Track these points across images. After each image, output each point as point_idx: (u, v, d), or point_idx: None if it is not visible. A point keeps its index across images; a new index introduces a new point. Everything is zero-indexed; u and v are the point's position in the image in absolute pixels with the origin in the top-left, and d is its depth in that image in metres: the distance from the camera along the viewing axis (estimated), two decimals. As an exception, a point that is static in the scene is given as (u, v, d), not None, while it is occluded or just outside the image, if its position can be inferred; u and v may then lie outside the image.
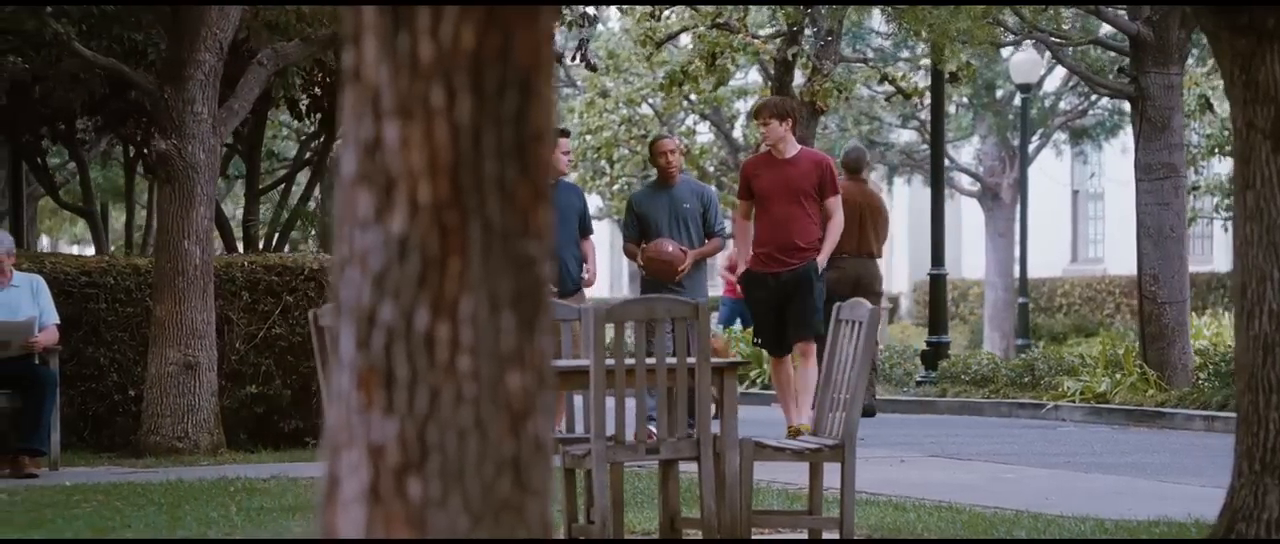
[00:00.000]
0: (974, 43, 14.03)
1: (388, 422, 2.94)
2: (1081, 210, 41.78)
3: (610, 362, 7.56)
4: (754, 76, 29.22)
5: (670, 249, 12.44)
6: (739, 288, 12.95)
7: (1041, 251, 35.03)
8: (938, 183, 20.05)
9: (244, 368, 13.43)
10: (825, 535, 7.73)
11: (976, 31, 13.36)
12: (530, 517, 2.94)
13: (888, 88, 21.53)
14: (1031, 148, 31.40)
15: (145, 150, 18.91)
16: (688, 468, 7.95)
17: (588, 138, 35.95)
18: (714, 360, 7.78)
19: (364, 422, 2.95)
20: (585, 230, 12.71)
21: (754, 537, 7.94)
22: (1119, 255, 38.64)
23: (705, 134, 37.63)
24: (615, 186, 36.44)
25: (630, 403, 7.81)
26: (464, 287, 2.93)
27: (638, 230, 12.71)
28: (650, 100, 34.05)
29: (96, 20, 14.39)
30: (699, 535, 8.07)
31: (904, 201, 43.43)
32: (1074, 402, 15.35)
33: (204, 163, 12.58)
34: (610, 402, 7.49)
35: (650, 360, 7.61)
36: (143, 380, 12.96)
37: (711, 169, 34.86)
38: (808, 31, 18.13)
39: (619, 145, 35.70)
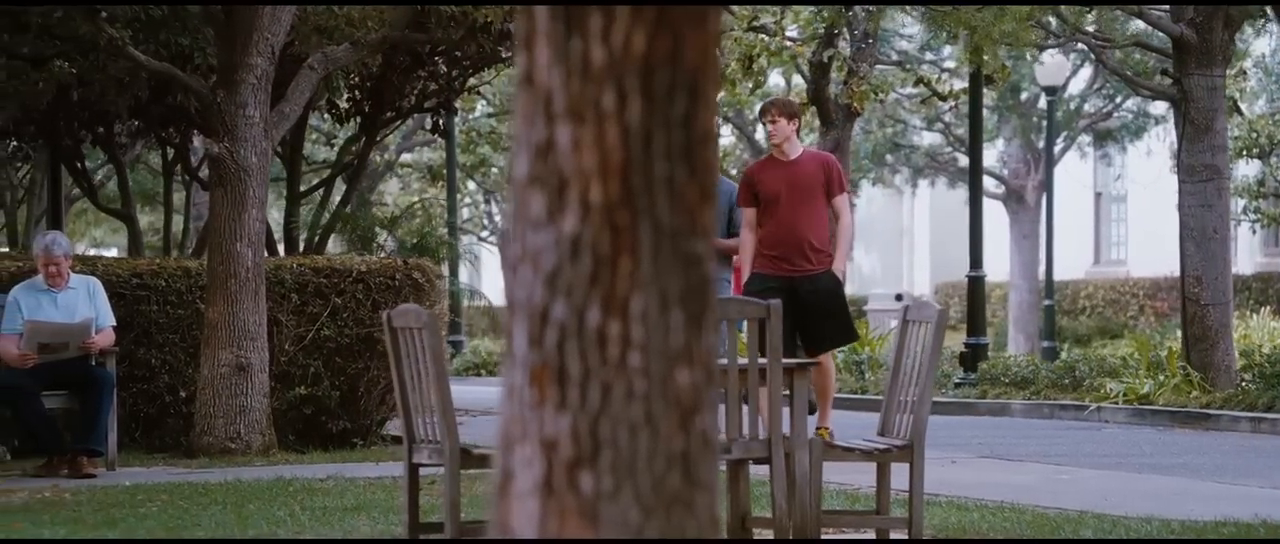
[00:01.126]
0: (1018, 45, 14.09)
1: (560, 417, 3.01)
2: (1104, 212, 41.78)
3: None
4: (775, 79, 29.25)
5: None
6: (744, 291, 12.79)
7: (1064, 254, 35.07)
8: (975, 185, 20.10)
9: (293, 369, 13.52)
10: (893, 535, 7.80)
11: (1021, 34, 13.41)
12: (699, 511, 3.01)
13: (918, 90, 21.57)
14: (1055, 150, 31.45)
15: (186, 153, 19.04)
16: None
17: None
18: (785, 361, 7.86)
19: (537, 417, 3.03)
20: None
21: (822, 536, 8.02)
22: (1142, 257, 38.68)
23: (727, 136, 37.76)
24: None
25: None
26: (634, 285, 3.00)
27: None
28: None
29: (144, 25, 14.48)
30: (770, 535, 8.15)
31: (925, 204, 43.50)
32: (1117, 403, 15.40)
33: (256, 166, 12.67)
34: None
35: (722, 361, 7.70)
36: (193, 382, 13.05)
37: (734, 172, 34.94)
38: (845, 34, 18.21)
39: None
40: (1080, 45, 18.27)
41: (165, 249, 20.03)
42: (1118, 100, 33.60)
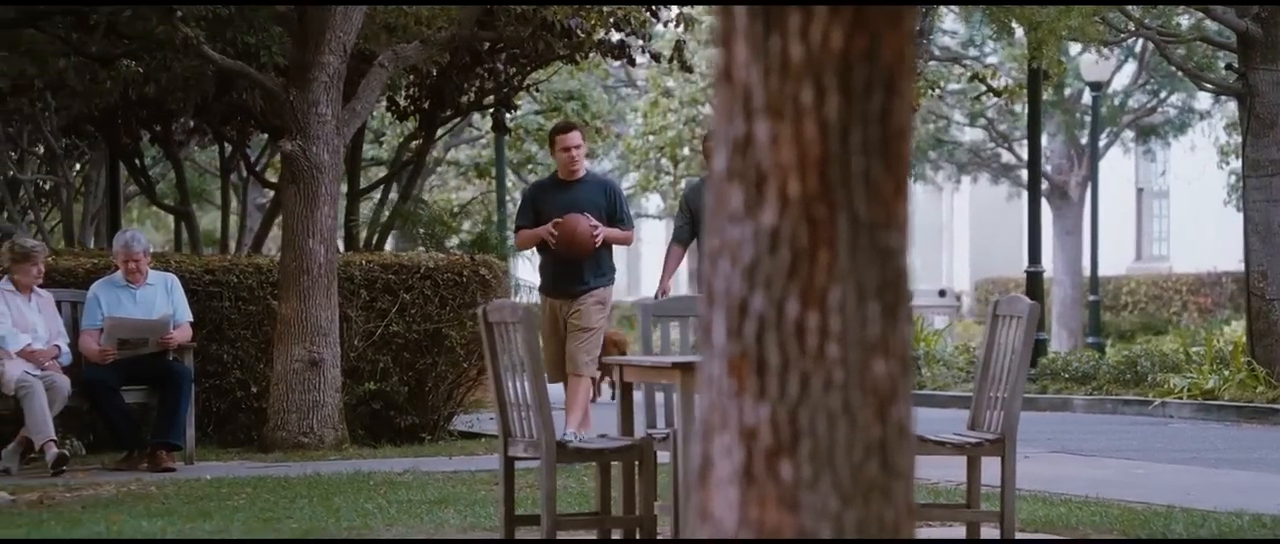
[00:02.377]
0: (1085, 39, 14.11)
1: (760, 406, 3.08)
2: (1146, 208, 41.74)
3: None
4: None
5: (584, 225, 11.90)
6: None
7: (1106, 250, 35.04)
8: (1034, 181, 20.14)
9: (362, 365, 13.61)
10: (984, 530, 7.85)
11: (1087, 28, 13.44)
12: (896, 499, 3.07)
13: (969, 86, 21.59)
14: (1099, 145, 31.44)
15: (245, 150, 19.18)
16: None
17: (650, 138, 36.10)
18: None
19: (736, 406, 3.09)
20: (621, 225, 12.34)
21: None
22: (1185, 253, 38.62)
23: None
24: (680, 186, 36.52)
25: None
26: (832, 277, 3.06)
27: (689, 226, 12.27)
28: (713, 100, 34.18)
29: (210, 24, 14.60)
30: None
31: (966, 200, 43.48)
32: (1181, 398, 15.42)
33: (328, 163, 12.76)
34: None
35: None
36: (265, 377, 13.16)
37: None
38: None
39: (683, 145, 35.83)
40: (1126, 40, 18.29)
41: (222, 246, 20.15)
42: (1162, 95, 33.56)
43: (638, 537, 8.11)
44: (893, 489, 3.07)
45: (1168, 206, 40.52)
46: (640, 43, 16.15)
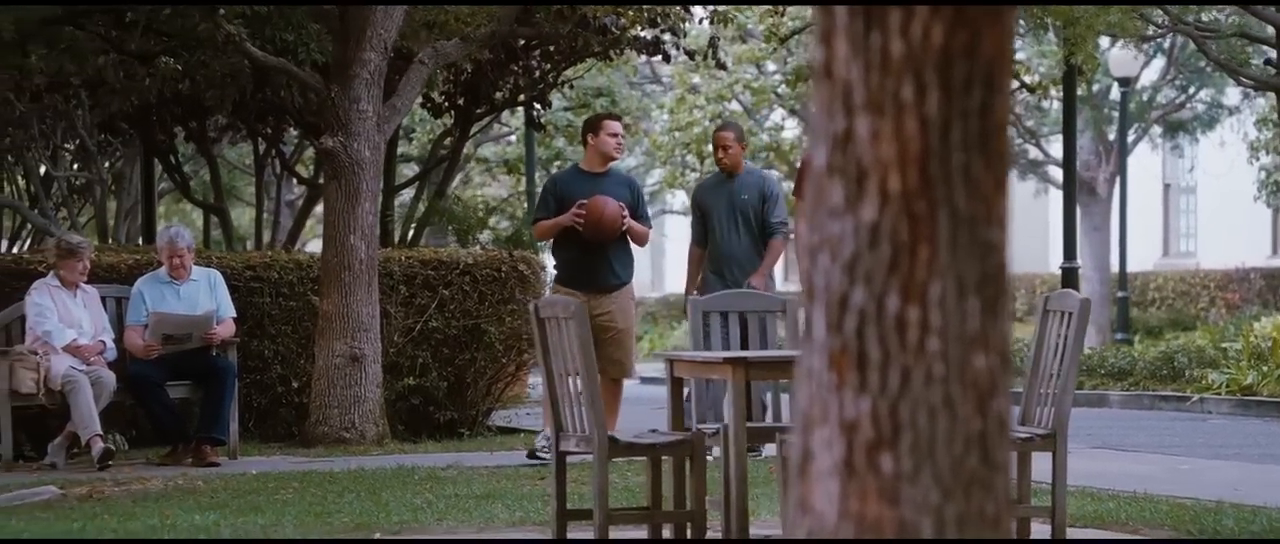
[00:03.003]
0: (1124, 35, 14.12)
1: (860, 400, 3.10)
2: (1173, 204, 41.68)
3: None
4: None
5: (613, 206, 11.51)
6: None
7: (1133, 246, 35.02)
8: (1069, 178, 20.10)
9: (401, 360, 13.66)
10: (1035, 524, 7.86)
11: (1126, 24, 13.44)
12: (997, 491, 3.10)
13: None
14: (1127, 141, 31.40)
15: (281, 148, 19.21)
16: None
17: (676, 134, 36.09)
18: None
19: (837, 399, 3.12)
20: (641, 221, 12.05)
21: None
22: (1212, 249, 38.54)
23: (793, 129, 37.77)
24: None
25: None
26: (933, 272, 3.09)
27: (702, 225, 12.06)
28: (740, 96, 34.19)
29: (249, 21, 14.66)
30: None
31: (992, 196, 43.45)
32: (1219, 394, 15.41)
33: (369, 160, 12.81)
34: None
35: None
36: (306, 373, 13.21)
37: (799, 165, 34.94)
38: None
39: (708, 141, 35.82)
40: (1164, 35, 18.27)
41: (257, 242, 20.21)
42: (1191, 91, 33.51)
43: (688, 532, 8.14)
44: (993, 482, 3.10)
45: (1195, 202, 40.46)
46: (675, 39, 16.17)
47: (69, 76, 15.39)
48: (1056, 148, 37.48)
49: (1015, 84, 20.24)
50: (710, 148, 37.12)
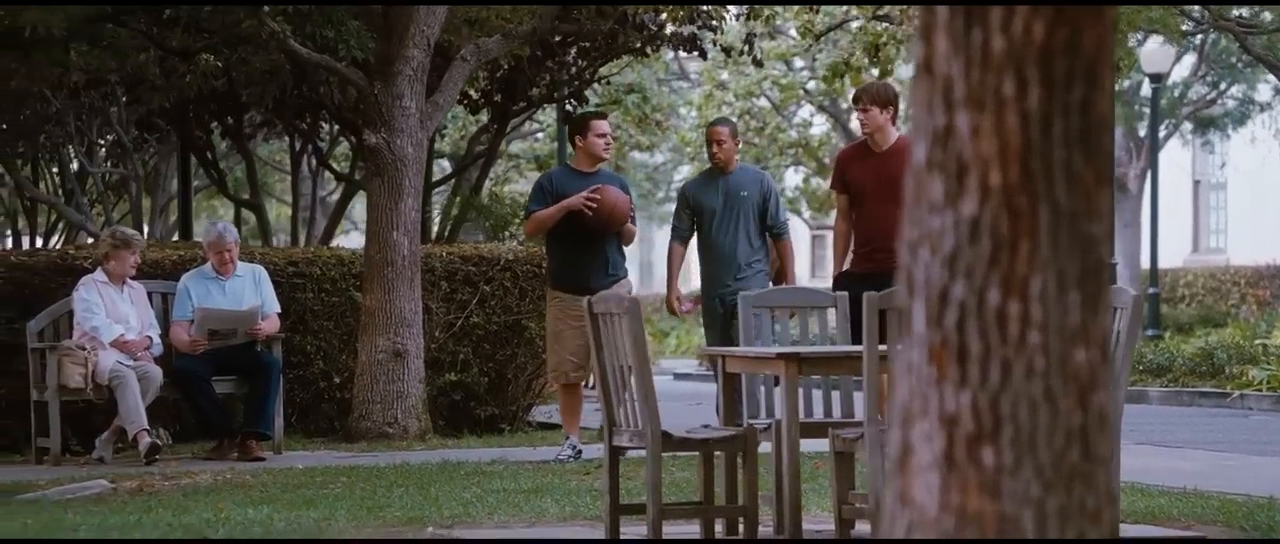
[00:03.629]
0: (1166, 30, 14.10)
1: (961, 393, 3.12)
2: (1203, 200, 41.61)
3: (882, 347, 7.75)
4: (906, 69, 29.26)
5: (624, 196, 11.41)
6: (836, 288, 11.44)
7: (1163, 242, 34.98)
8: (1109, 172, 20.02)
9: (442, 356, 13.71)
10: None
11: (1168, 20, 13.43)
12: (1097, 485, 3.12)
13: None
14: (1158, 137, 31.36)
15: (317, 144, 19.28)
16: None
17: (704, 130, 36.12)
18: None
19: (937, 393, 3.14)
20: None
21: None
22: (1242, 245, 38.46)
23: (821, 125, 37.74)
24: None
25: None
26: (1033, 267, 3.11)
27: (690, 222, 11.76)
28: (768, 93, 34.19)
29: (290, 18, 14.71)
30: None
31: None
32: (1260, 391, 15.40)
33: (412, 156, 12.85)
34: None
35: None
36: (348, 368, 13.26)
37: (827, 162, 34.92)
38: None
39: (737, 138, 35.85)
40: (1204, 32, 18.26)
41: (293, 238, 20.28)
42: (1222, 87, 33.44)
43: (740, 527, 8.16)
44: (1094, 475, 3.12)
45: (1226, 198, 40.38)
46: (712, 36, 16.19)
47: (109, 73, 15.46)
48: (1086, 144, 37.43)
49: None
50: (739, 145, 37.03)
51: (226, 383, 12.03)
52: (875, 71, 18.77)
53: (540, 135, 32.40)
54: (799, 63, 33.17)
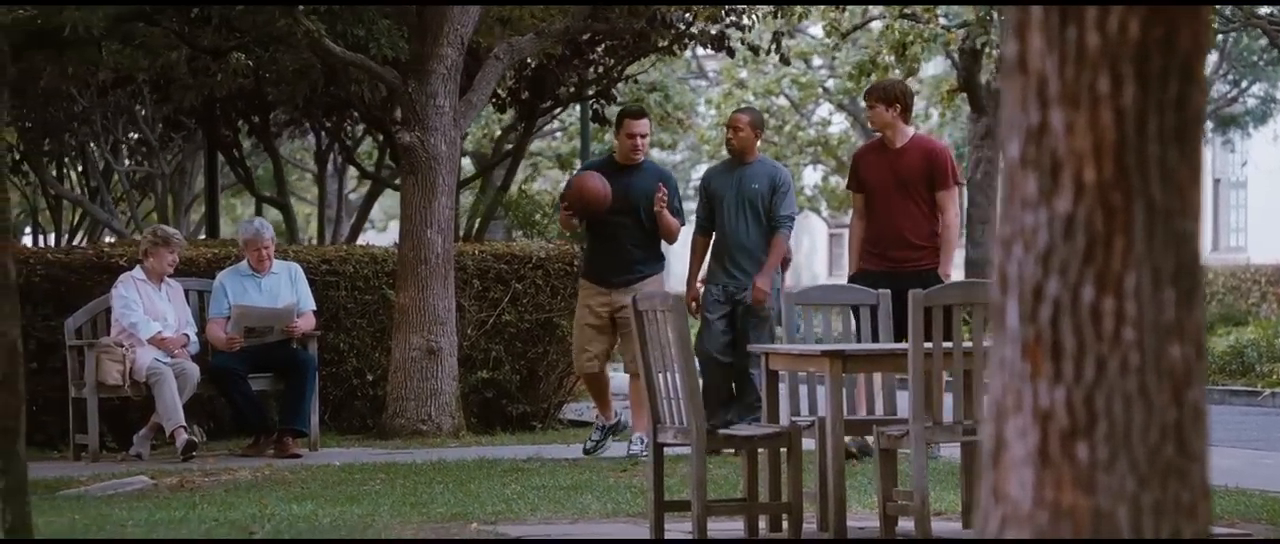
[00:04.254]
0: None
1: (1055, 389, 3.14)
2: (1223, 199, 41.56)
3: (928, 344, 7.77)
4: (931, 67, 29.24)
5: (592, 181, 11.18)
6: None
7: (1184, 241, 34.94)
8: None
9: (474, 353, 13.73)
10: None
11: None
12: (1192, 480, 3.13)
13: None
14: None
15: (345, 142, 19.31)
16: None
17: (723, 129, 36.12)
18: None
19: (1031, 389, 3.16)
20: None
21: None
22: (1263, 244, 38.42)
23: (840, 124, 37.73)
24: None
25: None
26: (1128, 263, 3.13)
27: (708, 212, 11.51)
28: (787, 91, 34.18)
29: (323, 17, 14.74)
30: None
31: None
32: (1292, 389, 15.44)
33: (445, 155, 12.87)
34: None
35: (968, 344, 7.80)
36: (380, 365, 13.29)
37: (846, 160, 34.93)
38: (995, 20, 18.30)
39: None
40: (1235, 29, 18.24)
41: (320, 236, 20.32)
42: (1243, 85, 33.41)
43: (784, 524, 8.18)
44: (1189, 471, 3.13)
45: (1246, 197, 40.33)
46: (739, 35, 16.19)
47: (140, 72, 15.49)
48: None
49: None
50: (757, 144, 36.91)
51: (263, 380, 12.07)
52: (900, 70, 18.81)
53: (558, 134, 32.42)
54: (817, 61, 33.16)
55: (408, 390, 12.84)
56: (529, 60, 16.74)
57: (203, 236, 20.78)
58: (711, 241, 11.55)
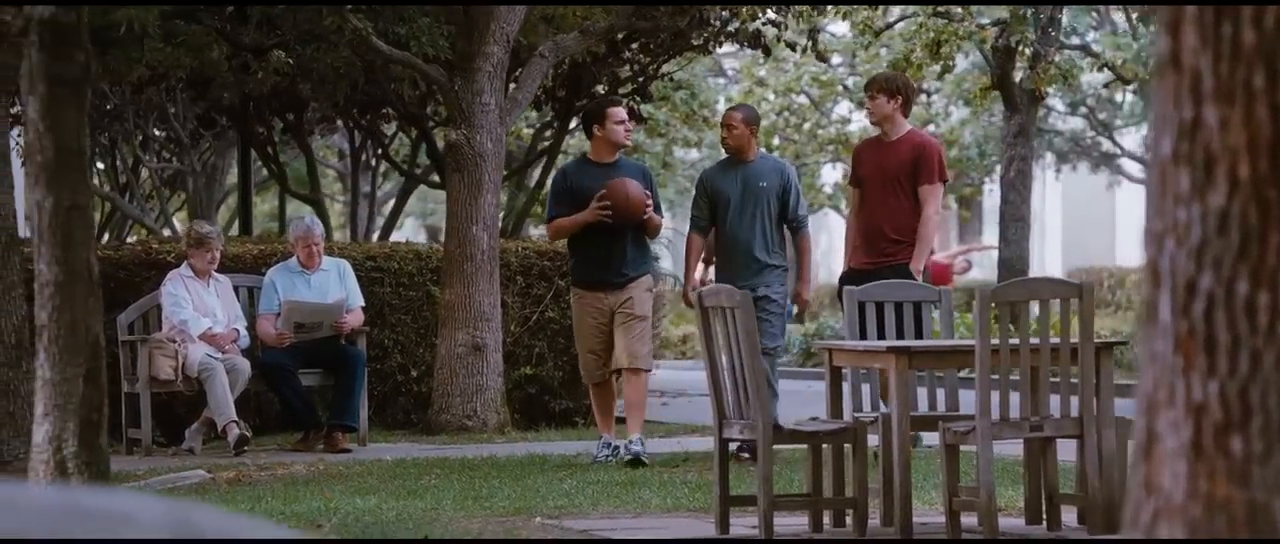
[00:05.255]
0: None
1: (1209, 383, 3.17)
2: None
3: (994, 341, 7.81)
4: (965, 63, 29.21)
5: (635, 186, 10.89)
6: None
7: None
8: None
9: (518, 350, 13.78)
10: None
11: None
12: (1345, 473, 3.16)
13: (1102, 75, 21.62)
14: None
15: (381, 140, 19.35)
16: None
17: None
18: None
19: (1184, 382, 3.19)
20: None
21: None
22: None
23: (860, 121, 37.77)
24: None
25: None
26: (1282, 258, 3.16)
27: (708, 212, 11.17)
28: (807, 89, 34.18)
29: (364, 15, 14.78)
30: (1075, 512, 8.31)
31: (1057, 190, 43.40)
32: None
33: (491, 152, 12.92)
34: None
35: (1034, 340, 7.84)
36: (425, 361, 13.34)
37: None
38: (1029, 19, 18.30)
39: (775, 134, 35.84)
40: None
41: (352, 233, 20.36)
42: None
43: (848, 520, 8.21)
44: (1341, 466, 3.16)
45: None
46: (776, 32, 16.21)
47: (180, 69, 15.54)
48: (1129, 140, 37.45)
49: (1110, 75, 20.23)
50: (777, 141, 36.76)
51: (312, 376, 12.12)
52: (937, 68, 18.82)
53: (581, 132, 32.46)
54: (836, 59, 33.17)
55: (454, 386, 12.89)
56: (565, 58, 16.76)
57: (234, 233, 20.83)
58: (717, 244, 11.29)
